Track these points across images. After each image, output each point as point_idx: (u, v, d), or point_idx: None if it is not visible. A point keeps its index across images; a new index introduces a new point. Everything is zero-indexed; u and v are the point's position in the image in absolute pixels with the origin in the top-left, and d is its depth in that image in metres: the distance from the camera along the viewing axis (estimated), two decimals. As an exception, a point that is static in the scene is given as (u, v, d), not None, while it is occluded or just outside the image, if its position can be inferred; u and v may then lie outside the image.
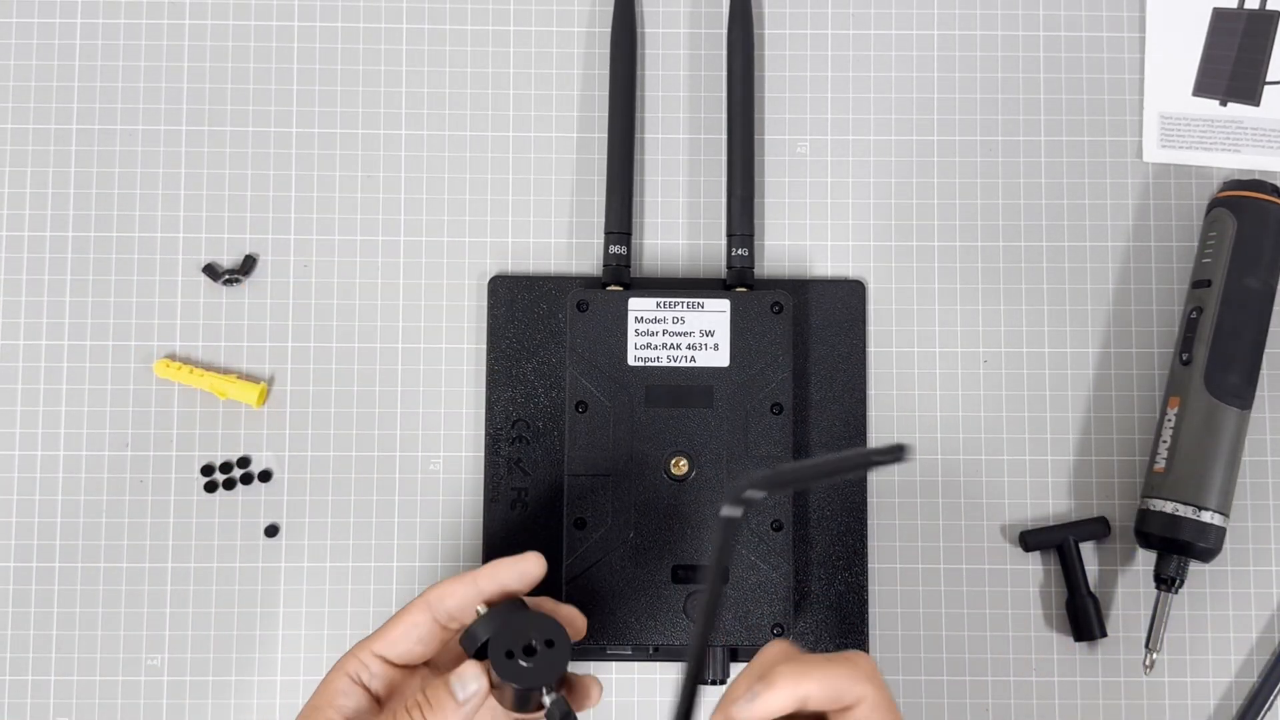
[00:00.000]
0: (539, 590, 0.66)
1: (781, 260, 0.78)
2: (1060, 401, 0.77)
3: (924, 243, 0.78)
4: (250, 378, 0.76)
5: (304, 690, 0.74)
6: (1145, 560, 0.75)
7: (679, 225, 0.78)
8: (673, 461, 0.72)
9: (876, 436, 0.76)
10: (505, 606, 0.62)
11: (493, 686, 0.61)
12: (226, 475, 0.75)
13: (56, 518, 0.75)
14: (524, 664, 0.60)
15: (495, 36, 0.79)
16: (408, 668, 0.64)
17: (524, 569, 0.63)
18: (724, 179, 0.78)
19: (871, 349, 0.77)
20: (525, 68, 0.79)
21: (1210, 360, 0.74)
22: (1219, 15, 0.80)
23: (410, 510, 0.75)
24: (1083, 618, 0.74)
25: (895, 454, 0.55)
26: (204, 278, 0.77)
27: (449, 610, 0.63)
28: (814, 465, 0.58)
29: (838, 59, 0.80)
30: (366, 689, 0.63)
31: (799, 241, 0.78)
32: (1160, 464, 0.74)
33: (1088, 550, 0.76)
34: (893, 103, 0.79)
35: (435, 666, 0.65)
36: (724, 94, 0.79)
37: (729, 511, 0.54)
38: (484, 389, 0.76)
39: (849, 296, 0.77)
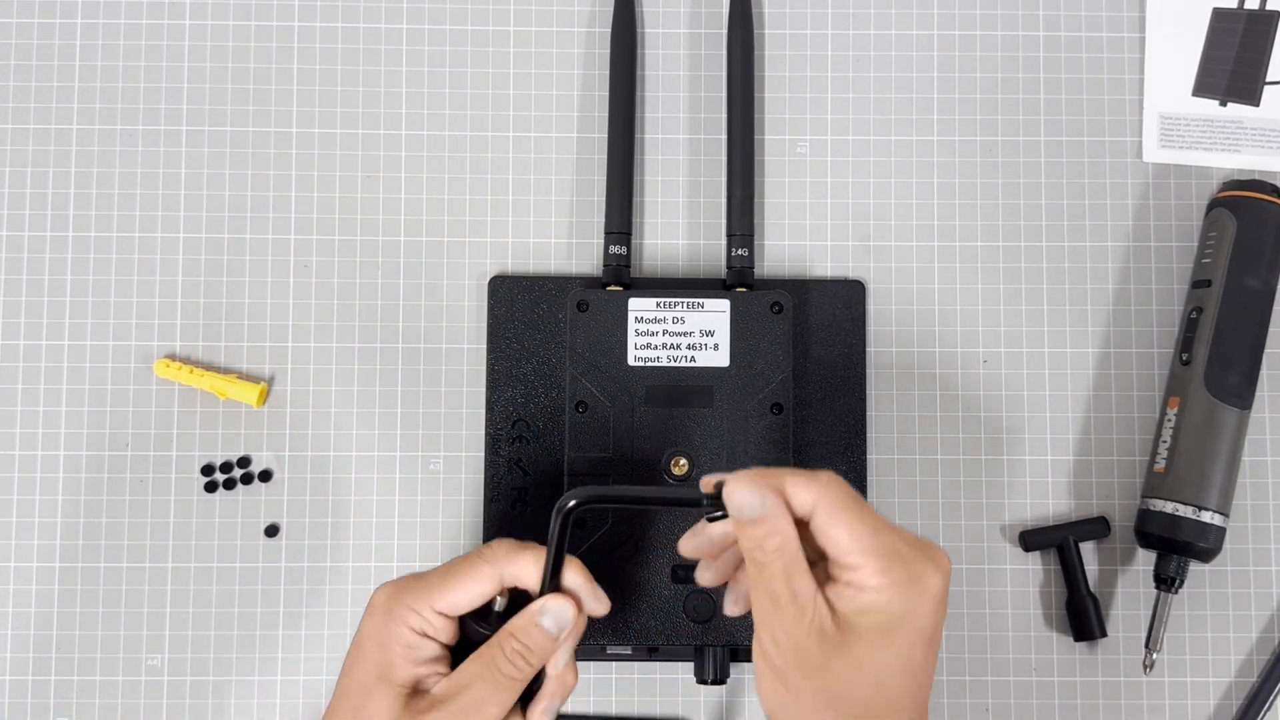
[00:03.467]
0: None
1: (781, 260, 0.78)
2: (1060, 401, 0.77)
3: (924, 243, 0.78)
4: (250, 378, 0.76)
5: (304, 690, 0.74)
6: (1145, 560, 0.76)
7: (679, 225, 0.78)
8: (673, 461, 0.72)
9: (877, 437, 0.76)
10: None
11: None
12: (226, 475, 0.75)
13: (56, 518, 0.75)
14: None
15: (495, 36, 0.79)
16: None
17: (592, 607, 0.63)
18: (724, 179, 0.78)
19: (871, 349, 0.77)
20: (525, 68, 0.79)
21: (1210, 360, 0.74)
22: (1219, 15, 0.80)
23: (410, 510, 0.75)
24: (1083, 618, 0.74)
25: (704, 502, 0.60)
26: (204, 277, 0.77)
27: (516, 582, 0.63)
28: (632, 491, 0.65)
29: (838, 59, 0.80)
30: (435, 640, 0.62)
31: (799, 241, 0.78)
32: (1160, 464, 0.74)
33: (1088, 550, 0.76)
34: (893, 103, 0.79)
35: None
36: (724, 94, 0.79)
37: (557, 510, 0.62)
38: (484, 389, 0.76)
39: (849, 296, 0.77)
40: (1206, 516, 0.72)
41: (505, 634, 0.62)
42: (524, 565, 0.63)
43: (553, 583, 0.63)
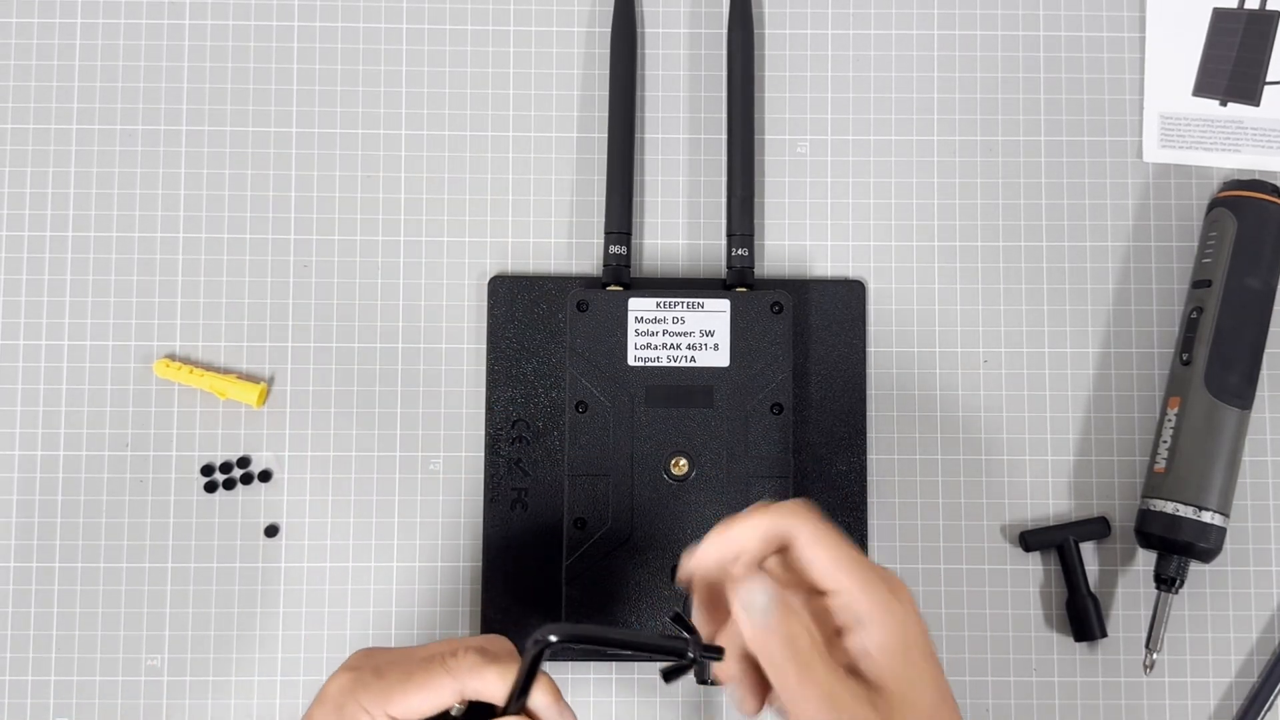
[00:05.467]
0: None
1: (781, 260, 0.78)
2: (1060, 401, 0.77)
3: (924, 243, 0.78)
4: (250, 378, 0.76)
5: (304, 690, 0.74)
6: (1145, 560, 0.75)
7: (679, 225, 0.78)
8: (673, 461, 0.72)
9: (876, 436, 0.76)
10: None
11: None
12: (226, 475, 0.75)
13: (56, 518, 0.75)
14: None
15: (495, 36, 0.79)
16: None
17: None
18: (724, 179, 0.78)
19: (871, 349, 0.77)
20: (525, 68, 0.79)
21: (1210, 360, 0.74)
22: (1219, 15, 0.80)
23: (410, 510, 0.75)
24: (1083, 618, 0.74)
25: (689, 654, 0.58)
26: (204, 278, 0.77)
27: (478, 697, 0.61)
28: (617, 634, 0.62)
29: (838, 59, 0.80)
30: None
31: (799, 241, 0.78)
32: (1160, 464, 0.74)
33: (1088, 550, 0.76)
34: (893, 103, 0.79)
35: None
36: (724, 94, 0.79)
37: (535, 641, 0.58)
38: (484, 389, 0.76)
39: (849, 296, 0.77)
40: (1207, 516, 0.72)
41: None
42: (488, 682, 0.60)
43: (519, 701, 0.60)
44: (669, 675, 0.60)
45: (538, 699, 0.61)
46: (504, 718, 0.60)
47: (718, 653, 0.58)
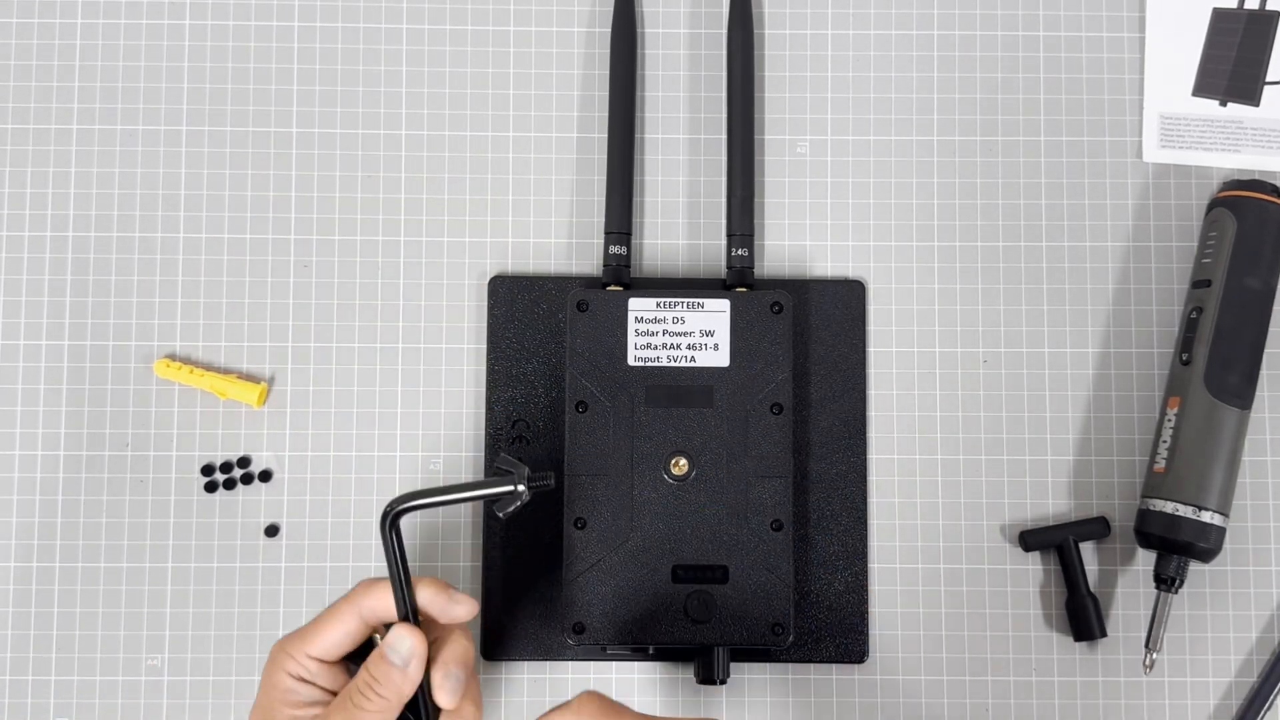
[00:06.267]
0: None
1: (781, 260, 0.78)
2: (1060, 401, 0.77)
3: (924, 243, 0.78)
4: (250, 378, 0.76)
5: (304, 690, 0.74)
6: (1145, 560, 0.76)
7: (679, 225, 0.78)
8: (673, 461, 0.72)
9: (876, 436, 0.76)
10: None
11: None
12: (226, 475, 0.75)
13: (56, 518, 0.75)
14: None
15: (495, 36, 0.79)
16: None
17: (454, 613, 0.65)
18: (724, 179, 0.78)
19: (871, 349, 0.77)
20: (525, 68, 0.79)
21: (1210, 360, 0.74)
22: (1219, 15, 0.80)
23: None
24: (1083, 618, 0.74)
25: (521, 484, 0.64)
26: (204, 277, 0.77)
27: (375, 615, 0.65)
28: (449, 486, 0.65)
29: (838, 59, 0.80)
30: (312, 684, 0.65)
31: (799, 241, 0.78)
32: (1160, 464, 0.74)
33: (1088, 550, 0.76)
34: (893, 103, 0.79)
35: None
36: (724, 94, 0.79)
37: (381, 516, 0.64)
38: (484, 389, 0.76)
39: (849, 296, 0.77)
40: (1206, 516, 0.72)
41: (362, 668, 0.64)
42: (380, 598, 0.64)
43: (409, 605, 0.64)
44: (500, 509, 0.64)
45: (424, 596, 0.64)
46: (397, 624, 0.63)
47: (548, 477, 0.63)
